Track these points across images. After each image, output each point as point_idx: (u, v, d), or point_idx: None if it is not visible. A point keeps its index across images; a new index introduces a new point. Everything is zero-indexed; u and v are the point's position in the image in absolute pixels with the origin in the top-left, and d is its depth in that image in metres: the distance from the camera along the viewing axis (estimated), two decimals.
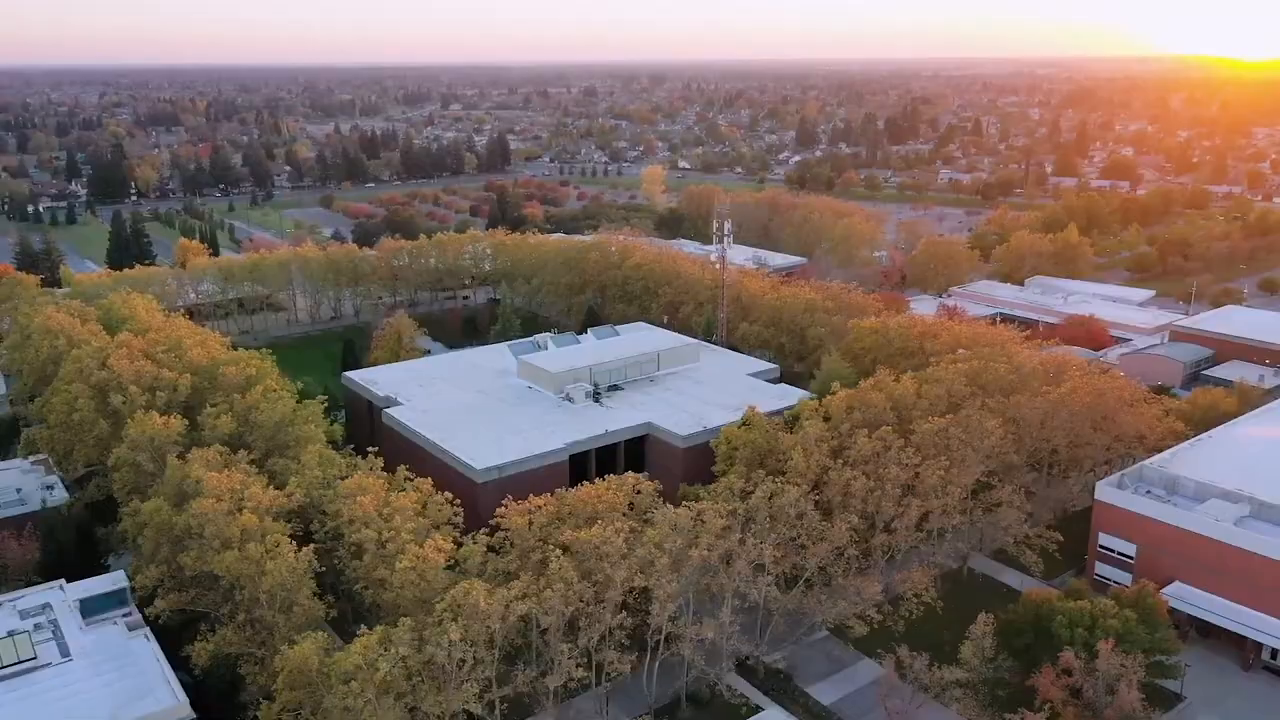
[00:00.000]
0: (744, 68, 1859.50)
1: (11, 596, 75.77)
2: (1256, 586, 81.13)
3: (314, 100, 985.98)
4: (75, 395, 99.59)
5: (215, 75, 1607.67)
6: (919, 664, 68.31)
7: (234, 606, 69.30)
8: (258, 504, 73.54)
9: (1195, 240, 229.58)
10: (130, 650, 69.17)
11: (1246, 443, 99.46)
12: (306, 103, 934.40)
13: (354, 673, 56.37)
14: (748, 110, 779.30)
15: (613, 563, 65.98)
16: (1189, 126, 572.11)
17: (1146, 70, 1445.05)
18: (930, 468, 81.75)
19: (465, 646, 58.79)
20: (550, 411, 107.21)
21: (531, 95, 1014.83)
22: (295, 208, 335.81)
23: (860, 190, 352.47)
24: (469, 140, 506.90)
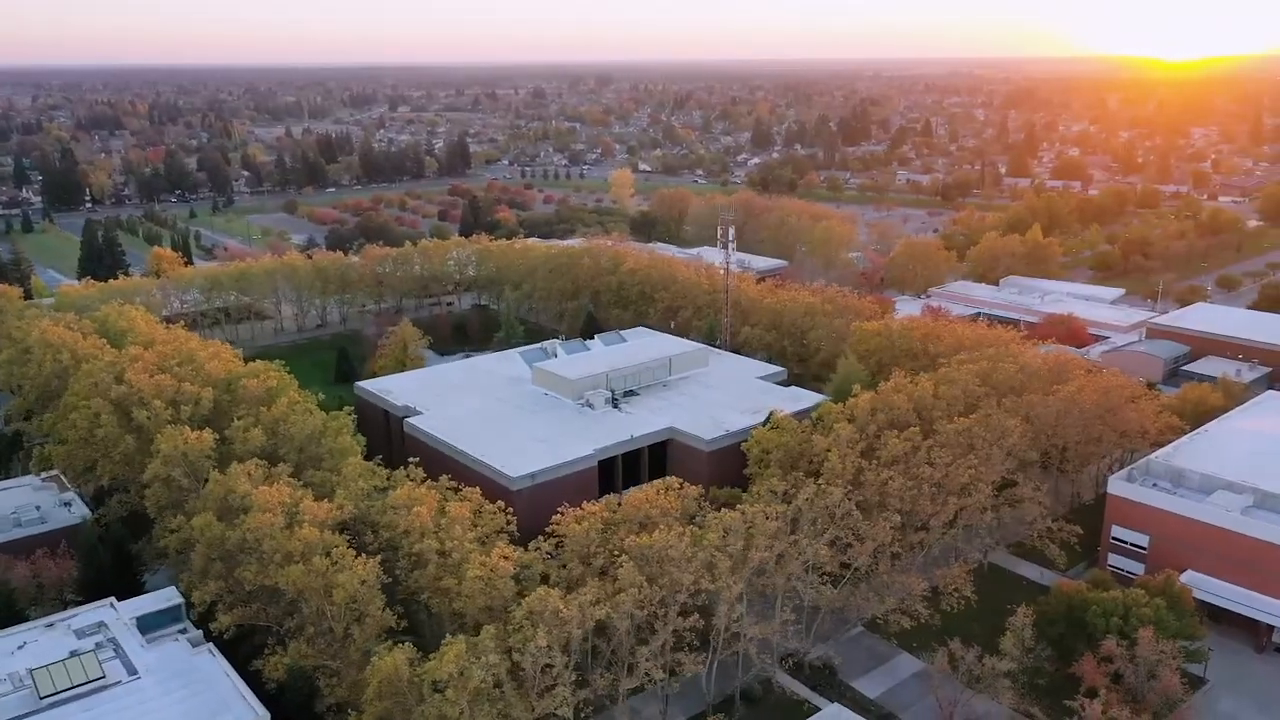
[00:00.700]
0: (688, 68, 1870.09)
1: (64, 616, 75.22)
2: (1266, 572, 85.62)
3: (258, 102, 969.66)
4: (96, 411, 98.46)
5: (149, 76, 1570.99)
6: (970, 656, 71.18)
7: (301, 620, 69.76)
8: (313, 517, 74.04)
9: (1154, 240, 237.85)
10: (197, 666, 69.28)
11: (1242, 436, 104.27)
12: (250, 105, 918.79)
13: (448, 681, 57.47)
14: (699, 111, 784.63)
15: (680, 566, 67.82)
16: (1129, 127, 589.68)
17: (1081, 71, 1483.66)
18: (960, 466, 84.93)
19: (552, 652, 60.22)
20: (572, 418, 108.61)
21: (480, 97, 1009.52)
22: (258, 213, 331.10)
23: (822, 192, 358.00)
24: (427, 143, 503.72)
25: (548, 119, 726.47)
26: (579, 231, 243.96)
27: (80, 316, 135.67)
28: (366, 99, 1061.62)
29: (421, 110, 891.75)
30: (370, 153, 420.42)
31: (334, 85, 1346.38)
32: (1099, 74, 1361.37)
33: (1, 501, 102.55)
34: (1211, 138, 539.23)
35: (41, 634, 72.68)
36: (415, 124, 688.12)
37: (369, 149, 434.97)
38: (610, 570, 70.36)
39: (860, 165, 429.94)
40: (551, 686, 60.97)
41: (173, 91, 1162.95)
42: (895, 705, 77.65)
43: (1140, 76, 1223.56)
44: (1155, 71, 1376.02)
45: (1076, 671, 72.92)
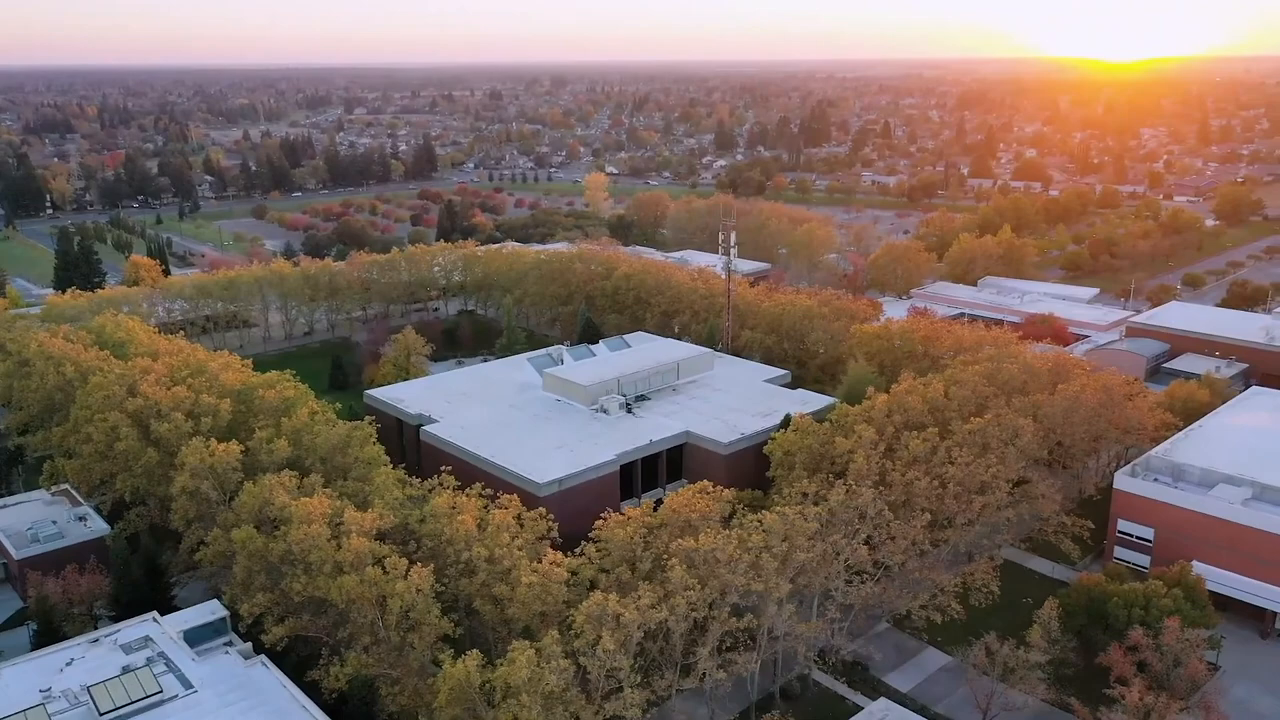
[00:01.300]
0: (641, 69, 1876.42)
1: (108, 631, 75.02)
2: (1268, 561, 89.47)
3: (209, 105, 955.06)
4: (114, 424, 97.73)
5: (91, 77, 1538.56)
6: (1005, 649, 73.79)
7: (354, 630, 70.31)
8: (359, 527, 74.59)
9: (1121, 240, 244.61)
10: (252, 678, 69.63)
11: (1235, 430, 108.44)
12: (203, 107, 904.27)
13: (522, 686, 58.62)
14: (659, 113, 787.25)
15: (729, 568, 69.59)
16: (1080, 128, 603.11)
17: (1028, 72, 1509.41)
18: (979, 465, 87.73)
19: (618, 655, 61.65)
20: (587, 423, 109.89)
21: (436, 99, 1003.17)
22: (226, 219, 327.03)
23: (791, 194, 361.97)
24: (392, 147, 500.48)
25: (508, 121, 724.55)
26: (558, 236, 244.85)
27: (74, 327, 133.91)
28: (321, 101, 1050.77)
29: (379, 113, 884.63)
30: (336, 157, 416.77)
31: (285, 87, 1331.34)
32: (1045, 75, 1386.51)
33: (14, 517, 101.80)
34: (1161, 138, 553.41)
35: (87, 650, 72.52)
36: (374, 127, 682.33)
37: (334, 153, 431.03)
38: (656, 574, 71.97)
39: (825, 167, 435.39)
40: (617, 689, 62.36)
41: (119, 93, 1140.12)
42: (928, 698, 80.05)
43: (1086, 78, 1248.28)
44: (1099, 73, 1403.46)
45: (1104, 662, 75.76)
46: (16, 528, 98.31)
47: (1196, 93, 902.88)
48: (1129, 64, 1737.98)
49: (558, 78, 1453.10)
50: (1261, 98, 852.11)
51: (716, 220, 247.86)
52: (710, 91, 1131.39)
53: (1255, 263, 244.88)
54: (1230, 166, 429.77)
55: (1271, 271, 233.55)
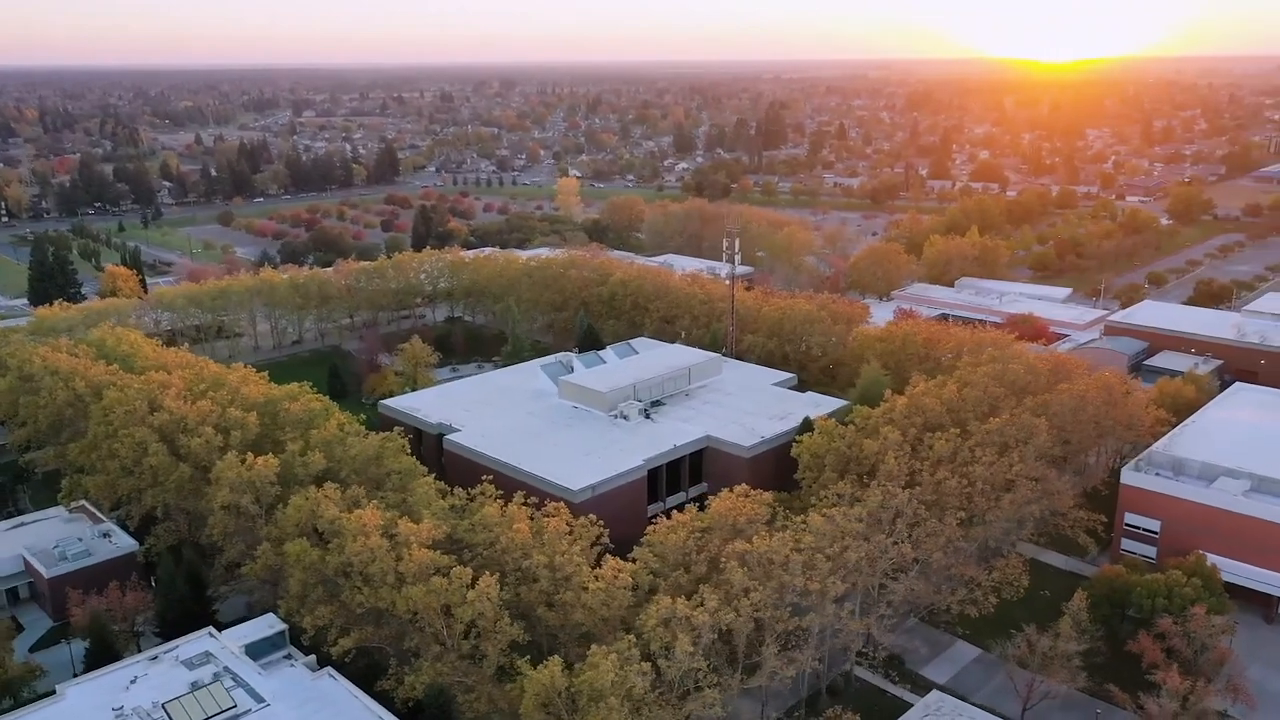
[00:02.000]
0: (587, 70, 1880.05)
1: (166, 648, 75.18)
2: (1269, 549, 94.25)
3: (153, 107, 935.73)
4: (141, 440, 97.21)
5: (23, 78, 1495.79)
6: (1045, 641, 77.19)
7: (424, 639, 71.38)
8: (417, 538, 75.62)
9: (1085, 240, 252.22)
10: (322, 690, 70.43)
11: (1226, 425, 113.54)
12: (146, 110, 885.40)
13: (608, 689, 60.38)
14: (613, 115, 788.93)
15: (787, 570, 72.01)
16: (1027, 129, 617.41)
17: (969, 72, 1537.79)
18: (1003, 464, 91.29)
19: (696, 657, 63.72)
20: (607, 430, 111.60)
21: (387, 101, 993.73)
22: (190, 225, 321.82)
23: (757, 196, 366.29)
24: (353, 151, 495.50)
25: (463, 124, 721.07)
26: (536, 241, 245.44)
27: (74, 340, 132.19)
28: (267, 103, 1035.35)
29: (328, 115, 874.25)
30: (297, 161, 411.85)
31: (228, 88, 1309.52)
32: (987, 76, 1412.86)
33: (36, 535, 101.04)
34: (1106, 139, 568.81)
35: (148, 667, 72.70)
36: (328, 130, 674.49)
37: (294, 157, 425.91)
38: (712, 576, 74.10)
39: (786, 169, 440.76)
40: (696, 689, 64.41)
41: (56, 96, 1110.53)
42: (965, 690, 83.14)
43: (1026, 78, 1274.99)
44: (1038, 73, 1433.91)
45: (1133, 649, 79.54)
46: (42, 546, 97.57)
47: (1133, 94, 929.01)
48: (1065, 64, 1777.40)
49: (506, 80, 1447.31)
50: (1196, 98, 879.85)
51: (693, 224, 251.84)
52: (661, 93, 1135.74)
53: (1211, 261, 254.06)
54: (1175, 167, 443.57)
55: (1227, 269, 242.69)
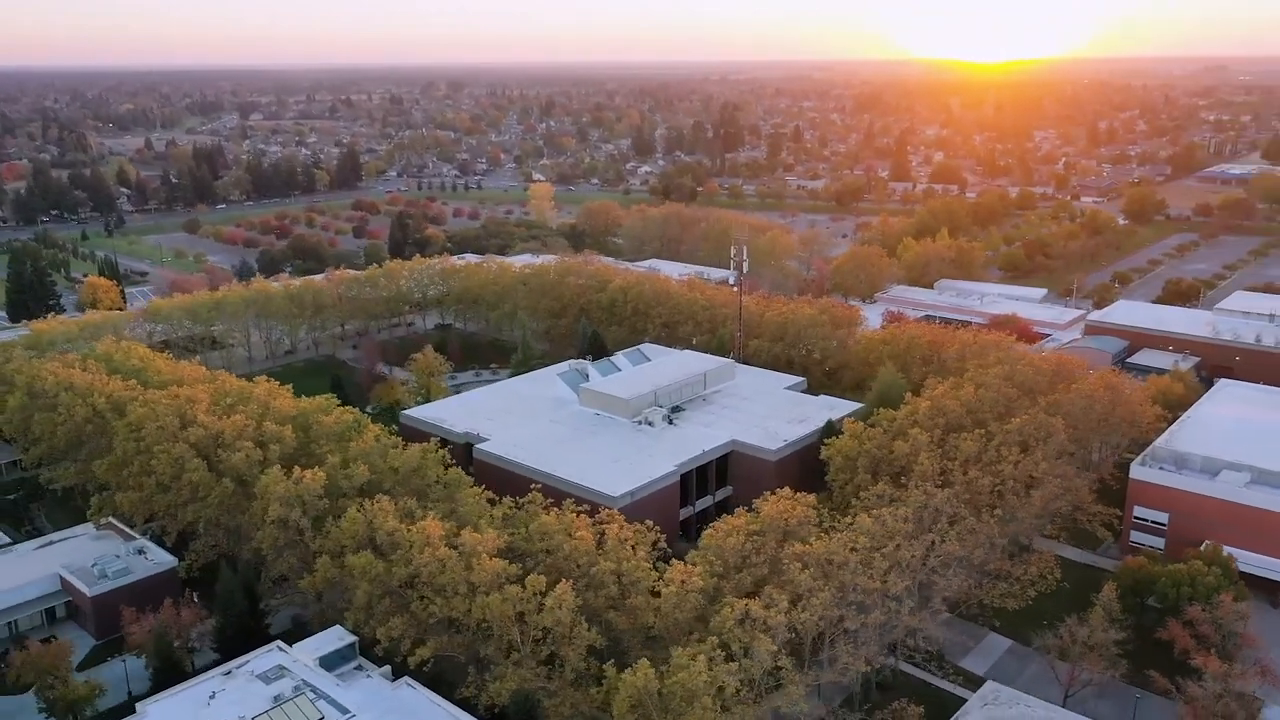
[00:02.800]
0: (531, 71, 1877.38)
1: (238, 663, 75.78)
2: (1271, 537, 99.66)
3: (93, 110, 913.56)
4: (179, 455, 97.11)
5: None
6: (1083, 630, 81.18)
7: (500, 646, 73.01)
8: (485, 548, 77.20)
9: (1051, 241, 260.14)
10: (403, 700, 71.74)
11: (1220, 421, 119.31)
12: (87, 113, 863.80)
13: (701, 689, 62.72)
14: (567, 118, 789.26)
15: (851, 570, 75.01)
16: (975, 130, 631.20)
17: (909, 74, 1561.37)
18: (1029, 462, 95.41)
19: (782, 656, 66.37)
20: (633, 436, 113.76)
21: (336, 104, 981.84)
22: (155, 234, 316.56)
23: (724, 199, 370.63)
24: (312, 156, 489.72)
25: (417, 127, 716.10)
26: (516, 247, 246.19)
27: (82, 355, 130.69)
28: (212, 106, 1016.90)
29: (277, 118, 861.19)
30: (259, 167, 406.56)
31: (168, 90, 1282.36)
32: (925, 77, 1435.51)
33: (68, 554, 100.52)
34: (1053, 140, 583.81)
35: (225, 682, 73.34)
36: (281, 134, 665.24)
37: (256, 163, 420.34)
38: (773, 577, 76.79)
39: (749, 172, 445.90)
40: (776, 686, 67.04)
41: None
42: (1003, 679, 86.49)
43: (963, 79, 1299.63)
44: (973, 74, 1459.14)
45: (1164, 636, 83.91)
46: (78, 564, 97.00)
47: (1071, 95, 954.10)
48: (998, 65, 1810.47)
49: (454, 82, 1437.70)
50: (1133, 99, 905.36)
51: (672, 229, 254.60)
52: (611, 95, 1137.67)
53: (1170, 260, 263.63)
54: (1123, 167, 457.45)
55: (1186, 268, 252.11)
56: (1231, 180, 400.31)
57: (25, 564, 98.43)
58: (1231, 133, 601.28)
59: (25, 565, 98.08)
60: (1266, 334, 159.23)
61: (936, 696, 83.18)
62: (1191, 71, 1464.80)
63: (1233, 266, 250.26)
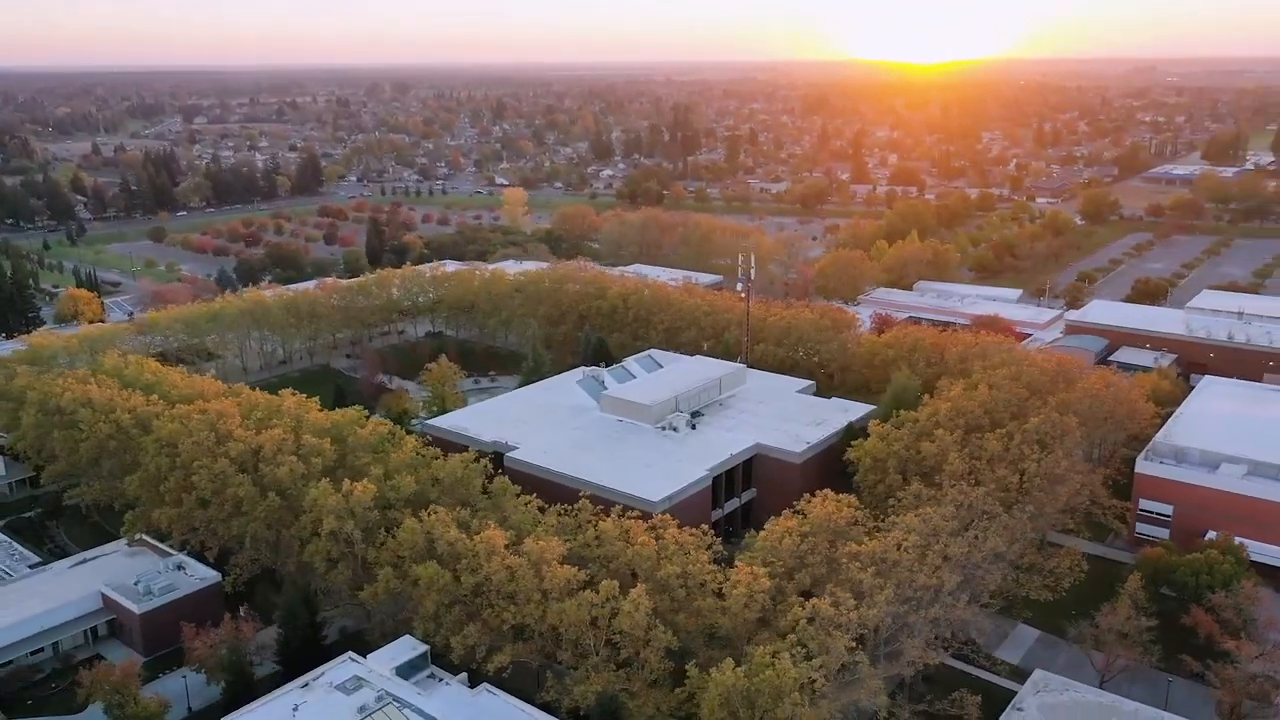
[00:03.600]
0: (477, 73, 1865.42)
1: (313, 675, 76.75)
2: (1270, 526, 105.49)
3: (29, 114, 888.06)
4: (220, 471, 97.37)
5: None
6: (1115, 619, 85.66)
7: (574, 651, 75.12)
8: (554, 555, 79.31)
9: (1017, 241, 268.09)
10: (486, 706, 73.50)
11: (1211, 416, 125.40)
12: (23, 118, 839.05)
13: (791, 686, 65.54)
14: (521, 121, 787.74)
15: (908, 567, 78.50)
16: (925, 132, 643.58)
17: (849, 75, 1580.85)
18: (1051, 460, 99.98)
19: (860, 652, 69.50)
20: (660, 442, 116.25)
21: (282, 106, 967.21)
22: (119, 242, 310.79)
23: (691, 203, 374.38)
24: (270, 161, 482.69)
25: (369, 130, 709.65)
26: (497, 254, 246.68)
27: (92, 370, 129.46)
28: (152, 109, 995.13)
29: (221, 121, 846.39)
30: (218, 172, 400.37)
31: (104, 92, 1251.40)
32: (863, 77, 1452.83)
33: (105, 572, 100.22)
34: (1000, 141, 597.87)
35: (305, 694, 74.40)
36: (231, 138, 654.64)
37: (216, 168, 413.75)
38: (832, 576, 79.95)
39: (711, 175, 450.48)
40: (854, 680, 70.15)
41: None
42: (1039, 667, 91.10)
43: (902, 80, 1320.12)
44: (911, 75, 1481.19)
45: (1188, 622, 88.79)
46: (119, 582, 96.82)
47: (1011, 96, 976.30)
48: (932, 66, 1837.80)
49: (399, 83, 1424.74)
50: (1071, 101, 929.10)
51: (650, 234, 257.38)
52: (560, 97, 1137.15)
53: (1129, 259, 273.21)
54: (1071, 168, 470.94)
55: (1145, 267, 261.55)
56: (1176, 180, 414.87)
57: (63, 583, 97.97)
58: (1169, 133, 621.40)
59: (64, 585, 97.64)
60: (1238, 331, 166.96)
61: (981, 686, 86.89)
62: (1122, 73, 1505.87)
63: (1190, 265, 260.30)
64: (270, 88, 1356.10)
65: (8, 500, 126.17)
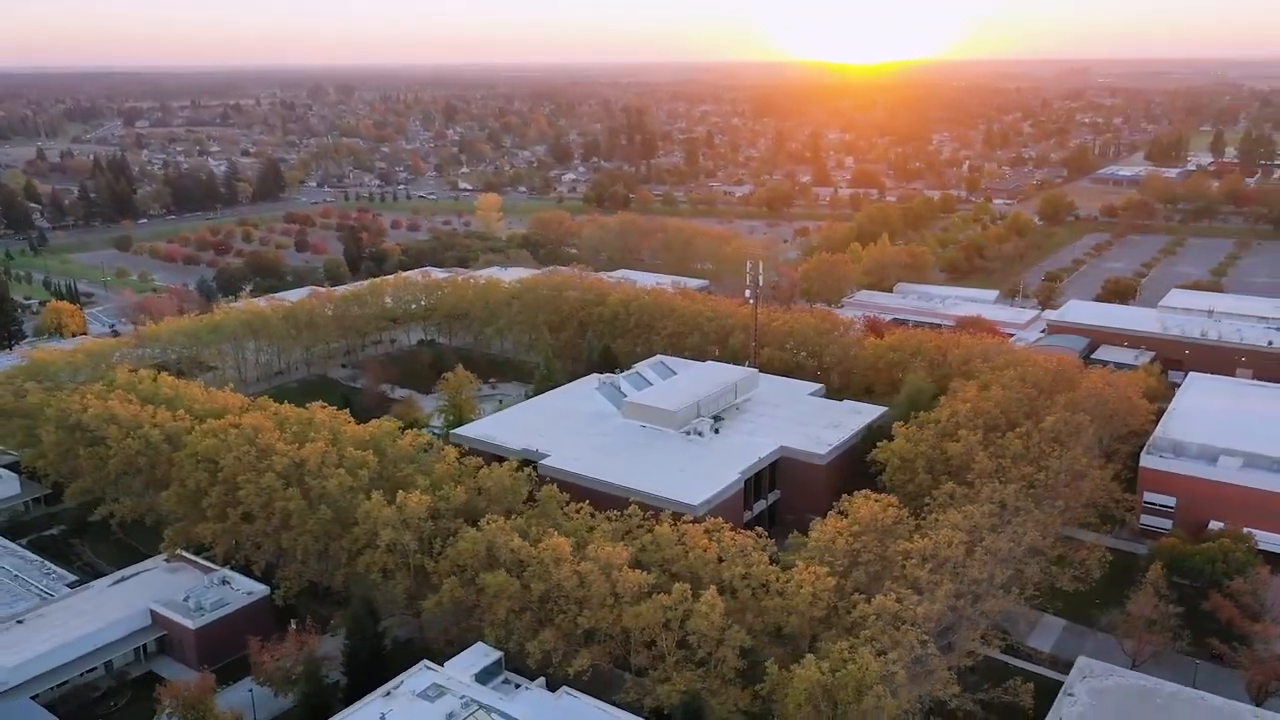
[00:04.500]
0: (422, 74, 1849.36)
1: (394, 684, 78.50)
2: (1267, 514, 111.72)
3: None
4: (267, 485, 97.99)
5: None
6: (1146, 607, 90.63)
7: (649, 653, 77.72)
8: (619, 560, 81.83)
9: (985, 242, 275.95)
10: (571, 709, 75.79)
11: (1202, 411, 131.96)
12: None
13: (875, 680, 68.94)
14: (474, 124, 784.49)
15: (959, 564, 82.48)
16: (875, 133, 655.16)
17: (789, 76, 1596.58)
18: (1070, 458, 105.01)
19: (928, 646, 73.15)
20: (686, 446, 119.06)
21: (226, 109, 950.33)
22: (81, 251, 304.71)
23: (658, 207, 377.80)
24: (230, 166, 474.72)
25: (320, 134, 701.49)
26: (480, 260, 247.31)
27: (106, 385, 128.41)
28: (91, 112, 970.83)
29: (163, 125, 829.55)
30: (179, 179, 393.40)
31: (35, 95, 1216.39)
32: (803, 78, 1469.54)
33: (150, 588, 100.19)
34: (949, 143, 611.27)
35: (388, 703, 76.07)
36: (180, 143, 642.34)
37: (175, 174, 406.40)
38: (888, 573, 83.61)
39: (674, 179, 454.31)
40: (924, 673, 73.80)
41: None
42: (1068, 655, 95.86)
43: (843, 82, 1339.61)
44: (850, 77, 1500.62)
45: (1208, 608, 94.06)
46: (168, 598, 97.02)
47: (953, 98, 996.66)
48: (869, 67, 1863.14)
49: (342, 85, 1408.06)
50: (1011, 102, 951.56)
51: (631, 239, 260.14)
52: (509, 99, 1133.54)
53: (1090, 259, 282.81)
54: (1021, 169, 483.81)
55: (1105, 266, 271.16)
56: (1123, 181, 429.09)
57: (109, 602, 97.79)
58: (1109, 134, 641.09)
59: (110, 603, 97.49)
60: (1210, 329, 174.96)
61: (1019, 674, 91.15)
62: (1056, 74, 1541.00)
63: (1149, 264, 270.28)
64: (209, 90, 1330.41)
65: (25, 519, 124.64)
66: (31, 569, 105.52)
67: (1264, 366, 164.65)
